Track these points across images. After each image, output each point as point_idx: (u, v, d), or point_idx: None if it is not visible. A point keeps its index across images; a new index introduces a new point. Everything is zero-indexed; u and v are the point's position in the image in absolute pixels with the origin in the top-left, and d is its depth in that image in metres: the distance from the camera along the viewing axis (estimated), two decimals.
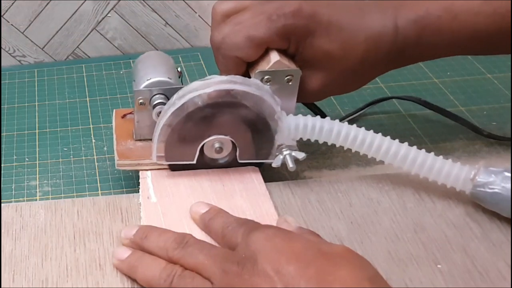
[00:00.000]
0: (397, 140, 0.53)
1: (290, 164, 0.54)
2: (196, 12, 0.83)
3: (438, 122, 0.68)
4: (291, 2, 0.53)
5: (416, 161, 0.52)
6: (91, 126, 0.70)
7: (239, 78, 0.53)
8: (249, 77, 0.55)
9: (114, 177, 0.62)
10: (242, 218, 0.50)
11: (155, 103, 0.55)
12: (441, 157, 0.53)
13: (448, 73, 0.76)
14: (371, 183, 0.57)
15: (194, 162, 0.56)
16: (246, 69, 0.56)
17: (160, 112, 0.55)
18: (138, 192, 0.56)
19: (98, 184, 0.62)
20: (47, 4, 0.80)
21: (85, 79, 0.79)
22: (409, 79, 0.75)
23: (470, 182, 0.51)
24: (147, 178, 0.57)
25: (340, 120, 0.54)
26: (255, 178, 0.57)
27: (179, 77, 0.58)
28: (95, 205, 0.56)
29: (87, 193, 0.61)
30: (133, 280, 0.48)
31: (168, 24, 0.84)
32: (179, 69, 0.59)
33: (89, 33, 0.83)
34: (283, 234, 0.45)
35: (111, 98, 0.75)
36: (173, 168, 0.57)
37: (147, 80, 0.56)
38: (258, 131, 0.54)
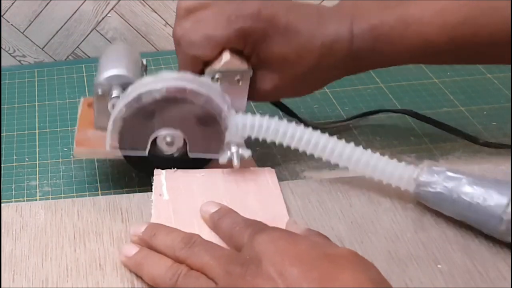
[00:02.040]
0: (343, 140, 0.54)
1: (235, 162, 0.55)
2: None
3: None
4: (251, 4, 0.53)
5: (361, 160, 0.53)
6: None
7: (189, 75, 0.54)
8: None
9: (114, 177, 0.62)
10: (250, 219, 0.50)
11: (111, 95, 0.56)
12: (386, 157, 0.53)
13: (448, 73, 0.76)
14: (371, 183, 0.57)
15: (146, 154, 0.57)
16: (203, 67, 0.56)
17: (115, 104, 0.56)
18: (138, 192, 0.57)
19: (98, 184, 0.62)
20: (47, 4, 0.80)
21: (85, 79, 0.79)
22: (409, 79, 0.75)
23: (413, 181, 0.52)
24: (161, 175, 0.57)
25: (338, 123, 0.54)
26: (271, 181, 0.57)
27: (145, 70, 0.59)
28: (95, 205, 0.56)
29: (87, 193, 0.61)
30: (139, 277, 0.49)
31: (168, 24, 0.84)
32: (145, 62, 0.60)
33: (89, 33, 0.83)
34: (288, 236, 0.45)
35: None
36: (128, 160, 0.58)
37: (106, 72, 0.56)
38: (208, 127, 0.55)
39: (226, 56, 0.54)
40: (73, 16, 0.81)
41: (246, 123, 0.54)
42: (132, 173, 0.62)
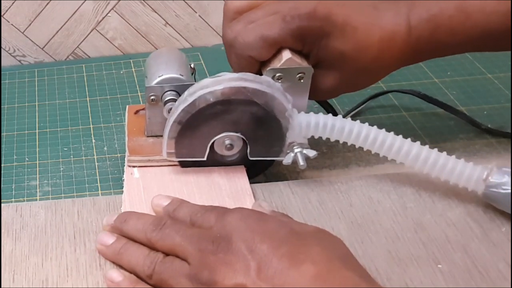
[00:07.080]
0: (409, 139, 0.53)
1: (301, 162, 0.54)
2: (196, 12, 0.83)
3: (438, 122, 0.68)
4: (306, 3, 0.53)
5: (428, 160, 0.52)
6: (91, 126, 0.70)
7: (250, 75, 0.53)
8: (261, 74, 0.54)
9: (114, 177, 0.62)
10: (207, 206, 0.50)
11: (166, 99, 0.55)
12: (453, 156, 0.52)
13: (448, 73, 0.76)
14: (371, 183, 0.57)
15: (205, 159, 0.56)
16: (259, 67, 0.55)
17: (171, 109, 0.55)
18: None
19: (98, 184, 0.62)
20: (47, 4, 0.80)
21: (85, 79, 0.79)
22: (409, 79, 0.75)
23: (482, 182, 0.51)
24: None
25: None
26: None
27: (192, 74, 0.58)
28: (95, 205, 0.56)
29: (87, 193, 0.61)
30: (118, 265, 0.49)
31: (168, 24, 0.84)
32: (192, 65, 0.59)
33: (89, 33, 0.83)
34: (257, 215, 0.46)
35: (111, 98, 0.75)
36: (184, 164, 0.57)
37: (159, 76, 0.56)
38: (269, 128, 0.54)
39: (287, 54, 0.53)
40: (73, 16, 0.81)
41: (310, 122, 0.53)
42: None
